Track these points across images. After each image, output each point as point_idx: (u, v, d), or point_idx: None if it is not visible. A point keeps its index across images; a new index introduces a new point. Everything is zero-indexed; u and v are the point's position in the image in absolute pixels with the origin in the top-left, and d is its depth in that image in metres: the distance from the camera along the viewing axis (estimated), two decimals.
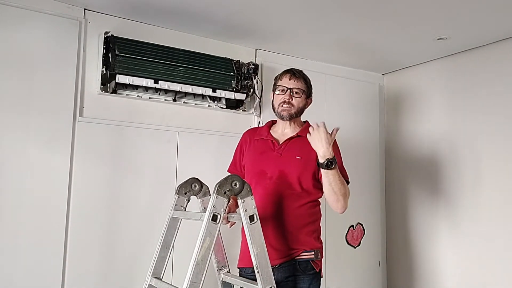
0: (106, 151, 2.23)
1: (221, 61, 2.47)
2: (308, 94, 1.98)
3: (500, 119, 2.50)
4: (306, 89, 1.97)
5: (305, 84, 1.97)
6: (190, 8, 2.19)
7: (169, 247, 1.87)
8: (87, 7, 2.21)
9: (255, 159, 1.98)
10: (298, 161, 1.87)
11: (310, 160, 1.85)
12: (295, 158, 1.88)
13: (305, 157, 1.87)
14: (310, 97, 2.00)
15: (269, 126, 2.05)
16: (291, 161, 1.88)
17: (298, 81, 1.95)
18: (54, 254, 2.05)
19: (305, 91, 1.96)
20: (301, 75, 1.98)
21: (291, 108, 1.93)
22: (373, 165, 3.14)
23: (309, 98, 1.99)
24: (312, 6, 2.14)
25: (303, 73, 1.99)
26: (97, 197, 2.18)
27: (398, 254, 3.05)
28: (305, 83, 1.97)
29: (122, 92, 2.27)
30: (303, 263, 1.83)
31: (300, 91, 1.94)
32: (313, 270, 1.84)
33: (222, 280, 1.95)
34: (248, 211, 1.63)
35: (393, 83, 3.20)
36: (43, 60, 2.09)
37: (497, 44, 2.54)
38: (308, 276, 1.83)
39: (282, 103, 1.93)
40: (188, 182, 1.94)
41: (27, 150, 2.02)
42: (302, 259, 1.83)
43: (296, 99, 1.94)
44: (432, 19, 2.26)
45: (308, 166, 1.87)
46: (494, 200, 2.48)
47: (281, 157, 1.90)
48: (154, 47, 2.27)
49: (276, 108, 1.97)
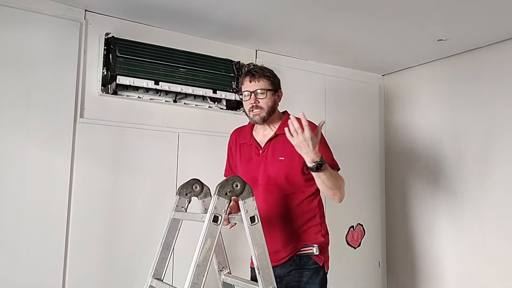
0: (107, 152, 2.23)
1: (222, 62, 2.47)
2: (275, 88, 1.86)
3: (501, 120, 2.50)
4: (270, 85, 1.85)
5: (268, 81, 1.85)
6: (191, 10, 2.19)
7: (170, 248, 1.87)
8: (87, 8, 2.21)
9: (245, 167, 1.93)
10: (282, 162, 1.82)
11: (294, 157, 1.75)
12: (279, 159, 1.83)
13: (288, 156, 1.80)
14: (279, 90, 1.88)
15: (251, 127, 1.97)
16: (276, 163, 1.84)
17: (259, 81, 1.84)
18: (55, 255, 2.05)
19: (270, 88, 1.84)
20: (261, 74, 1.85)
21: (261, 111, 1.83)
22: (373, 166, 3.14)
23: (277, 92, 1.87)
24: (312, 7, 2.14)
25: (262, 70, 1.87)
26: (98, 198, 2.18)
27: (398, 254, 3.06)
28: (268, 79, 1.85)
29: (122, 93, 2.27)
30: (304, 257, 1.82)
31: (264, 91, 1.83)
32: (316, 265, 1.82)
33: (223, 281, 1.94)
34: (249, 212, 1.62)
35: (393, 84, 3.21)
36: (44, 61, 2.09)
37: (497, 45, 2.54)
38: (308, 270, 1.81)
39: (250, 109, 1.85)
40: (189, 183, 1.94)
41: (28, 151, 2.02)
42: (302, 253, 1.82)
43: (263, 100, 1.84)
44: (432, 20, 2.26)
45: (293, 164, 1.80)
46: (497, 200, 2.49)
47: (266, 160, 1.86)
48: (154, 48, 2.28)
49: (247, 114, 1.89)
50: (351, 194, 3.00)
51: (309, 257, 1.83)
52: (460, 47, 2.65)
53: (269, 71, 1.88)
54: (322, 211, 1.92)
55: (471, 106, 2.66)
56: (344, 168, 2.95)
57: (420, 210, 2.91)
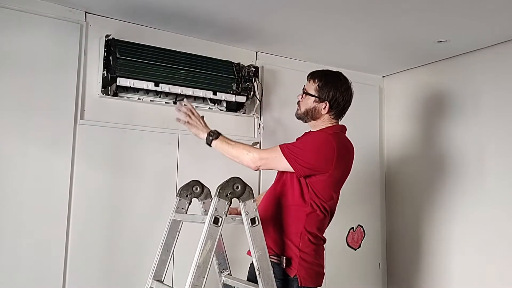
0: (107, 154, 2.23)
1: (222, 64, 2.47)
2: (321, 97, 1.85)
3: (502, 121, 2.50)
4: (315, 91, 1.86)
5: (316, 85, 1.86)
6: (191, 11, 2.19)
7: (170, 249, 1.87)
8: (88, 10, 2.21)
9: None
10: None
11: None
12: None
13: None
14: (325, 101, 1.86)
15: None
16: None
17: (309, 82, 1.90)
18: (55, 256, 2.05)
19: (313, 94, 1.86)
20: (315, 76, 1.89)
21: (298, 109, 1.94)
22: (373, 167, 3.14)
23: (323, 101, 1.86)
24: (312, 8, 2.14)
25: (320, 74, 1.89)
26: (98, 200, 2.18)
27: (398, 256, 3.06)
28: (316, 84, 1.87)
29: (123, 95, 2.27)
30: (274, 265, 1.71)
31: (306, 94, 1.89)
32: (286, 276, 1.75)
33: (223, 282, 1.95)
34: (249, 214, 1.63)
35: (393, 85, 3.21)
36: (45, 63, 2.09)
37: (497, 47, 2.54)
38: (279, 280, 1.72)
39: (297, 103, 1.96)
40: (189, 185, 1.94)
41: (28, 152, 2.02)
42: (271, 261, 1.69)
43: (302, 100, 1.91)
44: (432, 22, 2.27)
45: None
46: (499, 202, 2.48)
47: None
48: (154, 50, 2.28)
49: None
50: (351, 196, 3.02)
51: (280, 266, 1.76)
52: (460, 48, 2.65)
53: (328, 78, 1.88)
54: (315, 228, 1.81)
55: (472, 107, 2.66)
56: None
57: (421, 212, 2.91)
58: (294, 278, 1.75)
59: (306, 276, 1.76)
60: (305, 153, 1.75)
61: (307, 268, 1.77)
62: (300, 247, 1.77)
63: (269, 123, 2.71)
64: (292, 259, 1.76)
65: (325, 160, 1.75)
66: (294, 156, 1.75)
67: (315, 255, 1.81)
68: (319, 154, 1.76)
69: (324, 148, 1.77)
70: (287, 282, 1.77)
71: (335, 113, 1.90)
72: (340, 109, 1.90)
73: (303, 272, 1.75)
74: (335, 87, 1.87)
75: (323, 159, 1.75)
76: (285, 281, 1.77)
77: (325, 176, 1.76)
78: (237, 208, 1.91)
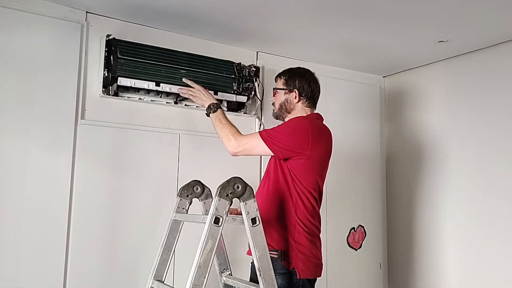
0: (108, 154, 2.23)
1: (223, 64, 2.47)
2: (288, 88, 2.01)
3: (502, 122, 2.50)
4: (282, 85, 2.02)
5: (282, 80, 2.03)
6: (192, 11, 2.19)
7: (171, 249, 1.87)
8: (89, 10, 2.21)
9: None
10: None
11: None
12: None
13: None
14: (294, 90, 1.99)
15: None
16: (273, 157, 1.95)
17: (276, 80, 2.07)
18: (56, 256, 2.05)
19: (281, 87, 2.02)
20: (280, 73, 2.06)
21: (273, 107, 2.07)
22: (374, 167, 3.14)
23: (292, 91, 2.00)
24: (312, 8, 2.14)
25: (284, 70, 2.06)
26: (99, 200, 2.18)
27: (399, 256, 3.05)
28: (282, 78, 2.03)
29: (123, 94, 2.27)
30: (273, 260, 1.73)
31: (276, 90, 2.04)
32: (284, 270, 1.78)
33: (224, 282, 1.95)
34: (250, 213, 1.63)
35: (394, 85, 3.21)
36: (45, 63, 2.09)
37: (498, 47, 2.54)
38: (278, 274, 1.74)
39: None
40: (190, 185, 1.94)
41: (29, 152, 2.03)
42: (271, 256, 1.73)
43: (275, 98, 2.05)
44: (433, 22, 2.27)
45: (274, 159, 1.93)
46: (501, 203, 2.48)
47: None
48: (155, 50, 2.28)
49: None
50: (352, 196, 3.03)
51: (277, 260, 1.78)
52: (461, 48, 2.65)
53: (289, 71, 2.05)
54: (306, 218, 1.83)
55: (473, 108, 2.66)
56: (344, 169, 2.96)
57: (422, 212, 2.91)
58: (293, 271, 1.79)
59: (304, 268, 1.80)
60: (282, 135, 1.85)
61: (304, 260, 1.80)
62: (295, 239, 1.81)
63: (270, 123, 2.70)
64: (289, 252, 1.80)
65: (301, 140, 1.83)
66: (271, 139, 1.85)
67: (312, 246, 1.84)
68: (294, 135, 1.85)
69: (299, 129, 1.86)
70: (288, 275, 1.79)
71: (306, 100, 2.00)
72: (310, 96, 2.00)
73: (300, 264, 1.79)
74: (299, 76, 2.01)
75: (299, 139, 1.84)
76: (286, 275, 1.79)
77: (304, 158, 1.83)
78: (237, 209, 1.91)
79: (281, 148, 1.83)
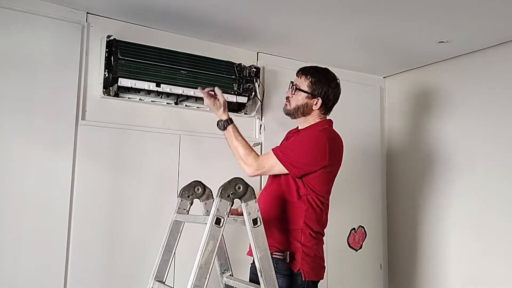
0: (108, 154, 2.23)
1: (223, 65, 2.47)
2: (312, 93, 1.87)
3: (502, 122, 2.50)
4: (307, 87, 1.88)
5: (308, 82, 1.88)
6: (192, 12, 2.19)
7: (171, 250, 1.87)
8: (89, 11, 2.21)
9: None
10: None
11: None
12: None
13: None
14: (317, 97, 1.87)
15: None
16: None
17: (300, 78, 1.91)
18: (57, 256, 2.05)
19: (305, 90, 1.88)
20: (306, 73, 1.90)
21: (288, 105, 1.94)
22: (374, 168, 3.14)
23: (314, 98, 1.88)
24: (313, 9, 2.14)
25: (310, 71, 1.90)
26: (100, 200, 2.18)
27: (400, 257, 3.05)
28: (309, 80, 1.88)
29: (124, 95, 2.27)
30: (278, 261, 1.77)
31: (297, 89, 1.90)
32: (290, 271, 1.78)
33: (225, 283, 1.94)
34: (251, 214, 1.63)
35: (394, 86, 3.21)
36: (46, 64, 2.09)
37: (498, 47, 2.54)
38: (283, 276, 1.76)
39: (285, 98, 1.97)
40: (191, 185, 1.94)
41: (29, 153, 2.02)
42: (275, 257, 1.77)
43: (293, 96, 1.92)
44: (433, 22, 2.27)
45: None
46: (502, 203, 2.47)
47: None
48: (156, 51, 2.28)
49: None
50: (353, 196, 3.03)
51: (283, 262, 1.79)
52: (462, 49, 2.65)
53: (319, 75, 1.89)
54: (314, 222, 1.83)
55: (473, 108, 2.66)
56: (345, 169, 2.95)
57: (422, 212, 2.91)
58: (298, 272, 1.78)
59: (309, 270, 1.79)
60: (298, 154, 1.79)
61: (309, 262, 1.80)
62: (302, 242, 1.80)
63: (270, 123, 2.71)
64: (296, 254, 1.79)
65: (319, 158, 1.79)
66: (287, 158, 1.79)
67: (317, 249, 1.84)
68: (312, 153, 1.80)
69: (316, 146, 1.80)
70: (291, 277, 1.79)
71: (324, 109, 1.93)
72: (330, 105, 1.94)
73: (306, 266, 1.79)
74: (327, 83, 1.89)
75: (316, 158, 1.79)
76: (289, 276, 1.78)
77: (319, 172, 1.80)
78: (237, 209, 1.91)
79: (297, 168, 1.78)
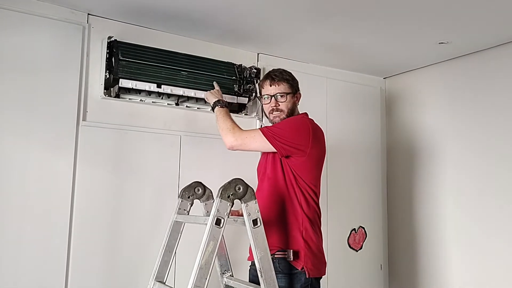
0: (109, 155, 2.23)
1: (224, 66, 2.48)
2: (294, 91, 1.99)
3: (501, 122, 2.50)
4: (289, 88, 1.97)
5: (287, 84, 1.97)
6: (193, 13, 2.20)
7: (172, 251, 1.87)
8: (90, 12, 2.22)
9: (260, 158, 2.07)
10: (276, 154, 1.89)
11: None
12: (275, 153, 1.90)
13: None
14: (298, 92, 2.01)
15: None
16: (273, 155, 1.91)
17: (279, 85, 1.96)
18: (57, 257, 2.05)
19: (289, 91, 1.97)
20: (280, 77, 1.97)
21: (281, 113, 1.97)
22: (374, 168, 3.14)
23: (296, 94, 2.00)
24: (313, 10, 2.15)
25: (282, 74, 1.98)
26: (100, 201, 2.18)
27: (400, 257, 3.05)
28: (287, 82, 1.97)
29: (125, 96, 2.28)
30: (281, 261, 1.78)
31: (284, 94, 1.95)
32: (294, 270, 1.78)
33: (225, 284, 1.95)
34: (251, 215, 1.63)
35: (395, 86, 3.21)
36: (47, 65, 2.10)
37: (498, 48, 2.54)
38: (286, 275, 1.77)
39: (271, 111, 1.98)
40: (191, 186, 1.94)
41: (30, 154, 2.03)
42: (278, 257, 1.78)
43: (283, 103, 1.96)
44: (433, 24, 2.27)
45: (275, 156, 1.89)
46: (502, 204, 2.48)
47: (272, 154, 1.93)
48: (157, 52, 2.28)
49: (267, 116, 2.02)
50: (353, 197, 3.03)
51: (286, 261, 1.79)
52: (462, 50, 2.65)
53: (288, 74, 2.02)
54: (311, 215, 1.86)
55: (473, 109, 2.66)
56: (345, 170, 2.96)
57: (423, 213, 2.91)
58: (302, 270, 1.78)
59: (313, 267, 1.80)
60: (284, 131, 1.84)
61: (312, 259, 1.81)
62: (304, 237, 1.81)
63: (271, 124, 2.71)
64: (299, 252, 1.80)
65: (303, 137, 1.84)
66: (273, 134, 1.84)
67: (318, 245, 1.86)
68: (296, 132, 1.85)
69: (301, 127, 1.87)
70: (294, 276, 1.79)
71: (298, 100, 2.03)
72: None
73: (309, 263, 1.79)
74: (293, 77, 2.02)
75: (301, 136, 1.84)
76: (292, 275, 1.79)
77: (304, 156, 1.83)
78: (238, 210, 1.91)
79: (283, 144, 1.82)
